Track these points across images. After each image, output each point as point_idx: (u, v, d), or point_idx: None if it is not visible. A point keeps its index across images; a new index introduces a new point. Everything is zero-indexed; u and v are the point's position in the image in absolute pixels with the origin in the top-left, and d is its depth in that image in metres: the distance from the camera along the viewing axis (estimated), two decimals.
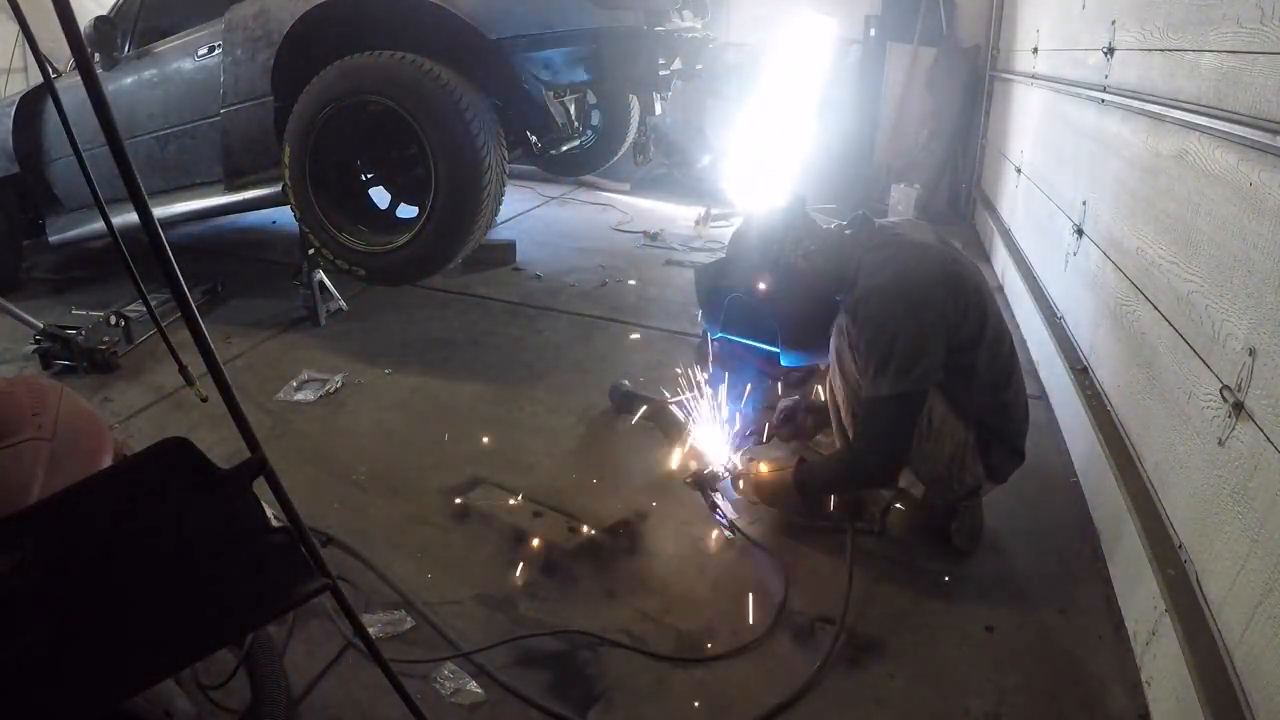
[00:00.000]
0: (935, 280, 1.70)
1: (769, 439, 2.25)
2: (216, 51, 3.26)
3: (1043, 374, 2.82)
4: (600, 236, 4.66)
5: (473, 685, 1.53)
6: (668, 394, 2.43)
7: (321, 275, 3.27)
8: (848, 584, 1.77)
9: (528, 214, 5.14)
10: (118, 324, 3.01)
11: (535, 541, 1.96)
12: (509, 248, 4.11)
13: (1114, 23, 2.52)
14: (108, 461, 1.16)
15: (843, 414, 1.94)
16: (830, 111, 5.40)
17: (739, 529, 2.00)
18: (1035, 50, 3.81)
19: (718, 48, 4.14)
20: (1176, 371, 1.72)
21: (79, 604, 0.83)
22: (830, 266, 1.82)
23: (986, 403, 1.81)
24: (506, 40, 2.87)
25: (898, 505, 1.96)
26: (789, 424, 2.22)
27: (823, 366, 2.06)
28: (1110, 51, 2.54)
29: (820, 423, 2.18)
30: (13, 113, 3.71)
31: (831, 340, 1.89)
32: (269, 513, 0.93)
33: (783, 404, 2.25)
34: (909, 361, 1.65)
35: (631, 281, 3.82)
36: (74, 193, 3.77)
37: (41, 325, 2.87)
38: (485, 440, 2.41)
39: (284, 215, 3.83)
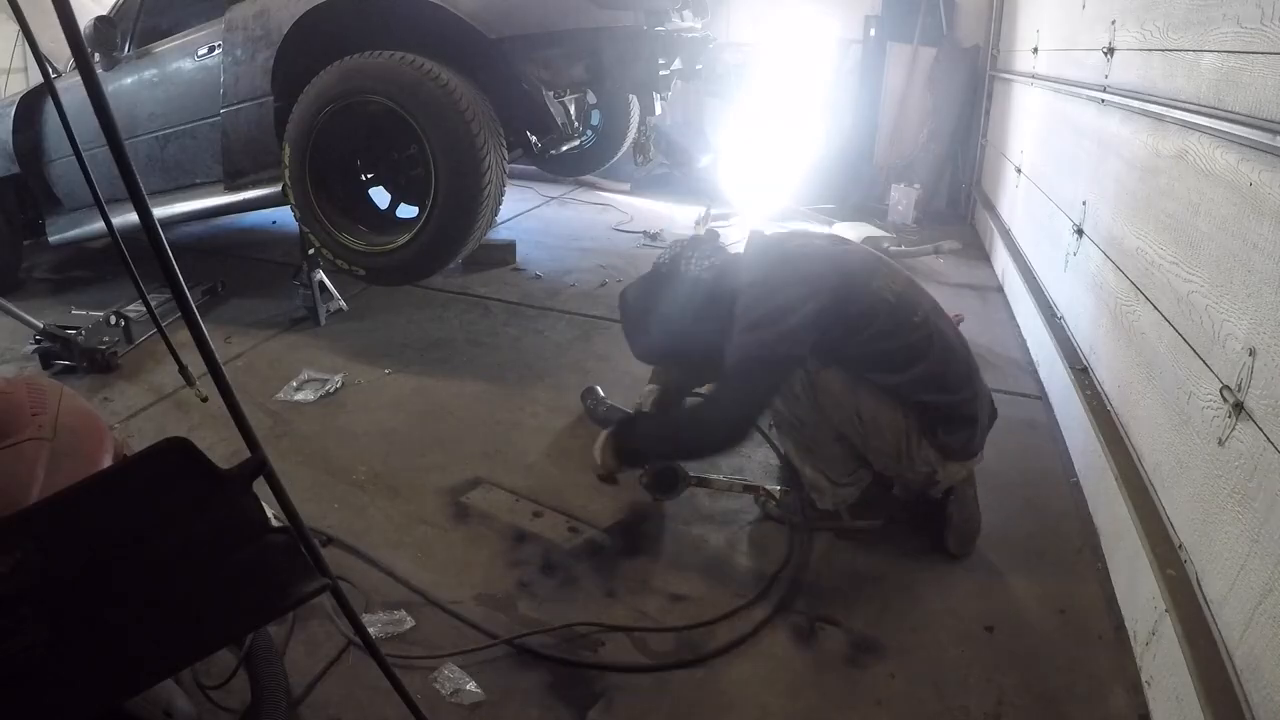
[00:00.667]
0: (805, 261, 1.77)
1: None
2: (216, 51, 3.26)
3: (1043, 374, 2.82)
4: (600, 236, 4.66)
5: (472, 685, 1.53)
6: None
7: (321, 275, 3.27)
8: (843, 583, 1.78)
9: (528, 214, 5.14)
10: (118, 324, 3.01)
11: (535, 541, 1.96)
12: (509, 248, 4.11)
13: (1114, 23, 2.52)
14: (108, 461, 1.16)
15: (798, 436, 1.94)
16: (830, 111, 5.40)
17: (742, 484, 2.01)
18: (1035, 50, 3.81)
19: (718, 48, 4.13)
20: (1176, 371, 1.72)
21: (79, 604, 0.84)
22: (728, 272, 1.85)
23: (912, 379, 1.77)
24: (506, 40, 2.87)
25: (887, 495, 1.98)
26: None
27: None
28: (1110, 51, 2.54)
29: None
30: (13, 113, 3.71)
31: None
32: (269, 513, 0.93)
33: None
34: (765, 329, 1.67)
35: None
36: (74, 193, 3.77)
37: (41, 325, 2.87)
38: (485, 440, 2.41)
39: (284, 215, 3.84)
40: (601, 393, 2.53)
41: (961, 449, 1.83)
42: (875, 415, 1.78)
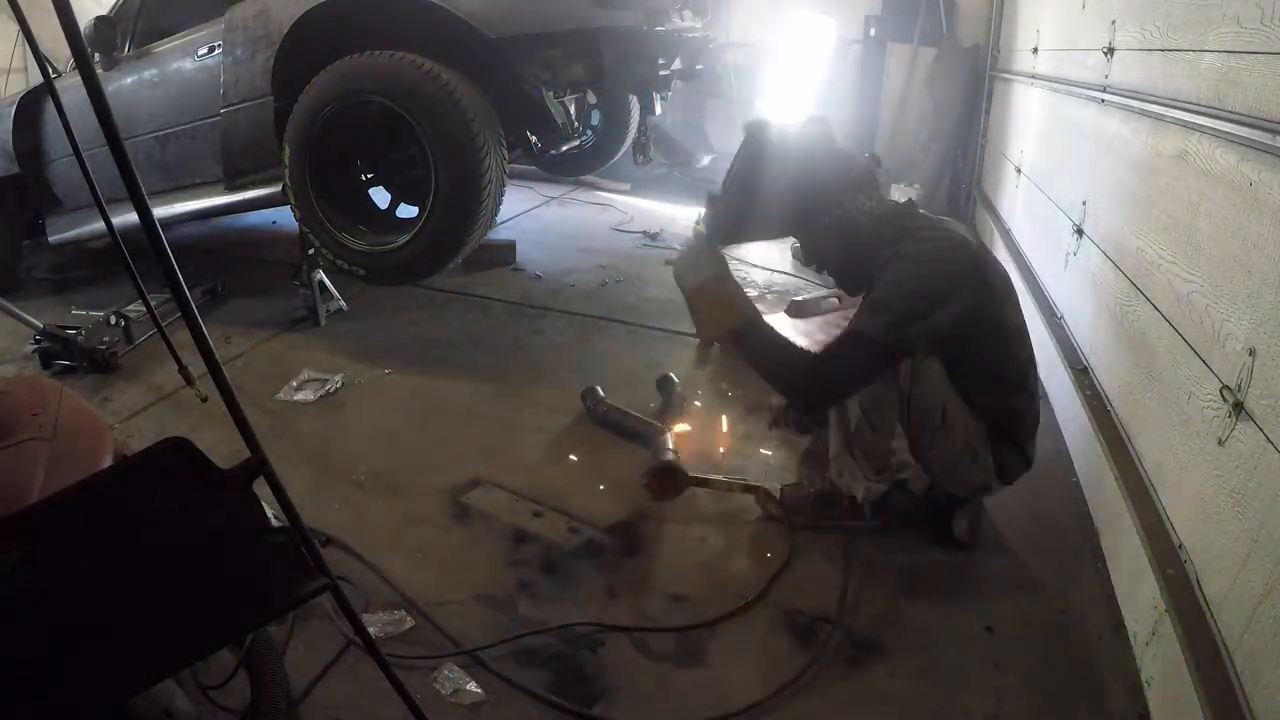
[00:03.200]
0: (962, 265, 1.73)
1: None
2: (216, 51, 3.26)
3: (1043, 374, 2.80)
4: (600, 236, 4.65)
5: (472, 685, 1.53)
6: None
7: (321, 275, 3.27)
8: (844, 584, 1.78)
9: (528, 214, 5.14)
10: (118, 324, 3.00)
11: (535, 541, 1.96)
12: (509, 248, 4.11)
13: (1114, 23, 2.52)
14: (108, 461, 1.16)
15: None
16: (830, 111, 5.39)
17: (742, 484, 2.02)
18: (1035, 50, 3.81)
19: (718, 48, 4.14)
20: (1176, 371, 1.72)
21: (79, 604, 0.84)
22: (885, 230, 1.80)
23: (1000, 403, 1.82)
24: (506, 40, 2.87)
25: (898, 493, 1.98)
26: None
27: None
28: (1110, 51, 2.54)
29: None
30: (13, 113, 3.71)
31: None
32: (269, 513, 0.93)
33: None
34: (903, 319, 1.65)
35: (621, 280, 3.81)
36: (74, 193, 3.77)
37: (41, 325, 2.87)
38: (485, 440, 2.41)
39: (284, 215, 3.84)
40: (601, 393, 2.53)
41: (1009, 475, 1.88)
42: (956, 418, 1.78)
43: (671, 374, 2.63)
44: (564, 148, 3.70)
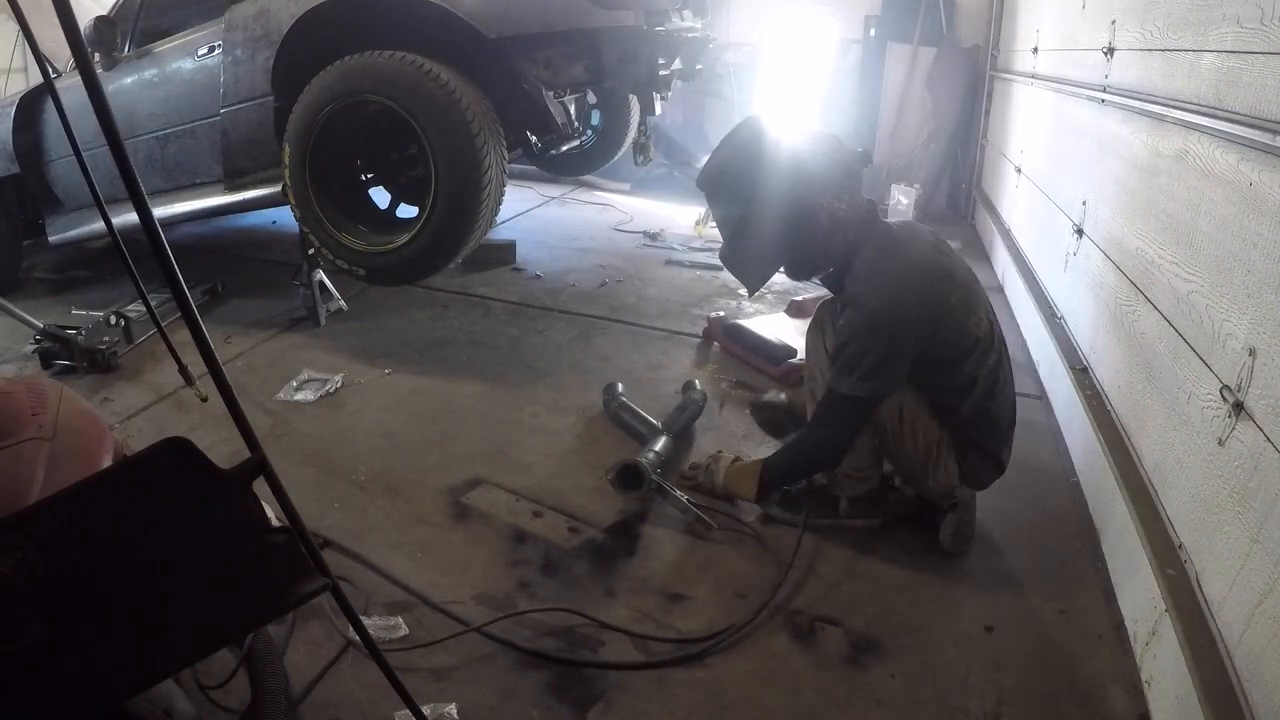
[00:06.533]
0: (917, 299, 1.73)
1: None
2: (216, 51, 3.26)
3: (1043, 374, 2.82)
4: (600, 236, 4.66)
5: (451, 710, 1.49)
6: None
7: (321, 275, 3.27)
8: (843, 584, 1.77)
9: (528, 214, 5.14)
10: (118, 324, 3.00)
11: (535, 541, 1.96)
12: (509, 248, 4.11)
13: (1114, 23, 2.52)
14: (108, 461, 1.16)
15: (815, 388, 2.01)
16: (830, 111, 5.40)
17: (695, 509, 2.02)
18: (1035, 50, 3.82)
19: (718, 48, 4.14)
20: (1176, 371, 1.72)
21: (79, 604, 0.83)
22: (845, 238, 1.82)
23: (969, 410, 1.82)
24: (506, 40, 2.87)
25: (894, 493, 2.00)
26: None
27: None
28: (1110, 51, 2.54)
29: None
30: (13, 113, 3.71)
31: (815, 316, 2.03)
32: (269, 513, 0.93)
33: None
34: (871, 374, 1.73)
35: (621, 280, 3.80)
36: (74, 193, 3.77)
37: (41, 325, 2.86)
38: (485, 440, 2.41)
39: (284, 215, 3.84)
40: (620, 389, 2.53)
41: (978, 481, 1.89)
42: (915, 419, 1.81)
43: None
44: (564, 148, 3.69)
